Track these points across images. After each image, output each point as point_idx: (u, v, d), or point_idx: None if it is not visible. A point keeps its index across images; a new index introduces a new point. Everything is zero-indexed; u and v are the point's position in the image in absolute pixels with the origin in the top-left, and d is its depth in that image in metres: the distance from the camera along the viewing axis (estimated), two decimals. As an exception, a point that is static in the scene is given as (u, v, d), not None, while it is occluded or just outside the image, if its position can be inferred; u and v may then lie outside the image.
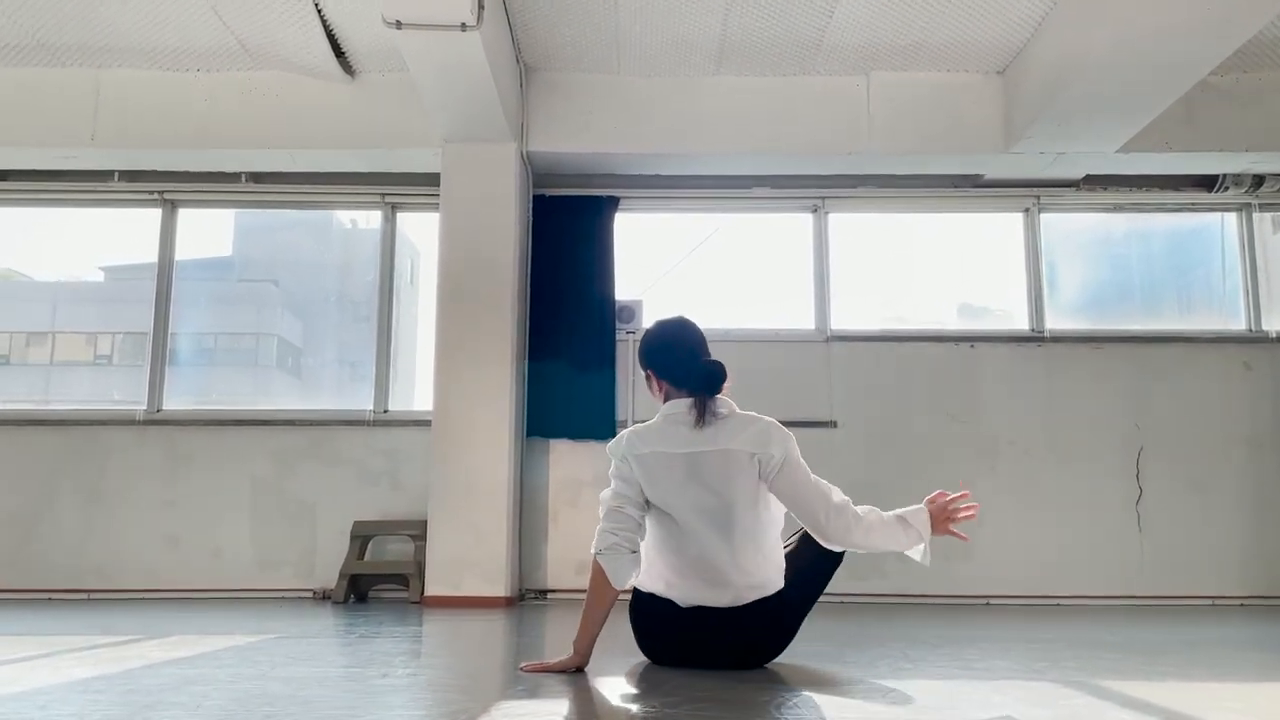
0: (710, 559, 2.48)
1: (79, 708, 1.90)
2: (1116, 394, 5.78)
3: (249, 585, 5.61)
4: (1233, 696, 2.19)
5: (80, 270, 6.82)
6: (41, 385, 6.68)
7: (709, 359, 2.63)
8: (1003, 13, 4.94)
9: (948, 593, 5.55)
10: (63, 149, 5.59)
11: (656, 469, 2.51)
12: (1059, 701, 2.09)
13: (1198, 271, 6.14)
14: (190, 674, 2.39)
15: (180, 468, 5.72)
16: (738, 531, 2.49)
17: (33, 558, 5.62)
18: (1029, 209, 6.01)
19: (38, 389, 6.65)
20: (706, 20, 5.05)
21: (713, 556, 2.48)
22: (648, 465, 2.52)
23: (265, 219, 6.40)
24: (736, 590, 2.50)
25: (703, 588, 2.51)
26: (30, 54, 5.40)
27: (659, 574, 2.57)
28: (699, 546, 2.49)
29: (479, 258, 5.39)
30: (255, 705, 1.93)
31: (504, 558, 5.15)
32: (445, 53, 4.40)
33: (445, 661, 2.84)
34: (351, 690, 2.17)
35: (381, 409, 5.84)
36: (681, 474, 2.50)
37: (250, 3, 4.87)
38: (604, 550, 2.49)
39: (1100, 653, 3.05)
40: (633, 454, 2.54)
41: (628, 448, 2.56)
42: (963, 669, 2.64)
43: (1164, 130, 5.41)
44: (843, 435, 5.73)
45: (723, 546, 2.48)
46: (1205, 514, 5.66)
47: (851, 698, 2.14)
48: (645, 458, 2.53)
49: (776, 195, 6.04)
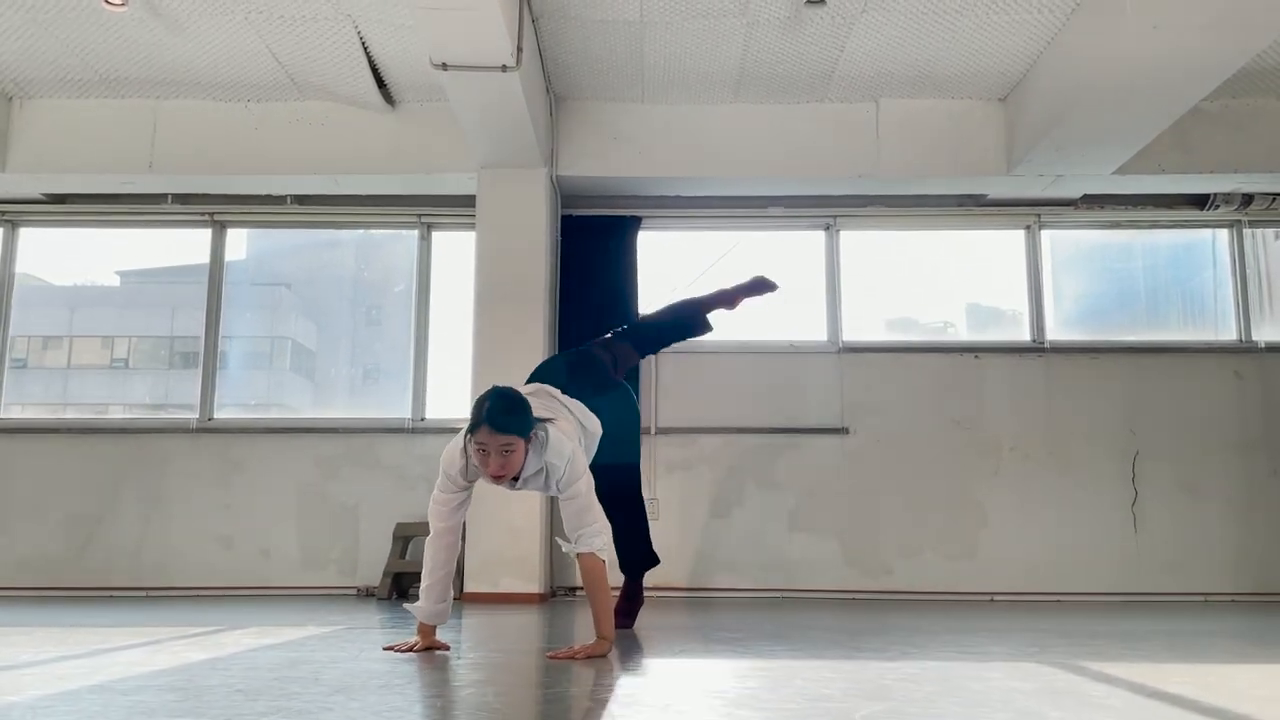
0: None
1: (222, 680, 2.27)
2: (1113, 401, 6.13)
3: (296, 583, 5.98)
4: (1188, 674, 2.54)
5: (96, 275, 7.13)
6: (59, 388, 6.98)
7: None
8: (1004, 46, 5.28)
9: (954, 589, 5.90)
10: (122, 174, 5.98)
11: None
12: (1041, 677, 2.44)
13: (1191, 285, 6.47)
14: (292, 656, 2.76)
15: (231, 473, 6.11)
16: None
17: (95, 558, 6.01)
18: (1030, 226, 6.36)
19: (55, 392, 6.94)
20: (726, 52, 5.41)
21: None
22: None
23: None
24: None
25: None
26: (93, 87, 5.80)
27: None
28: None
29: (512, 274, 5.76)
30: (367, 679, 2.30)
31: (538, 556, 5.52)
32: (486, 91, 4.77)
33: (505, 646, 3.21)
34: (438, 668, 2.55)
35: (419, 417, 6.21)
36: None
37: (301, 41, 5.25)
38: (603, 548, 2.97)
39: (1086, 640, 3.40)
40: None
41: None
42: (961, 652, 2.99)
43: (1157, 154, 5.74)
44: (854, 441, 6.09)
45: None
46: (1198, 515, 6.00)
47: (865, 672, 2.49)
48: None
49: (790, 214, 6.41)
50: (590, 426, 3.32)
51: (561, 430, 2.99)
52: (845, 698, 2.11)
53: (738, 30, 5.15)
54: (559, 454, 2.90)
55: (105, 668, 2.51)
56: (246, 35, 5.19)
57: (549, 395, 3.25)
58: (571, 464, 2.93)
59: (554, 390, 3.29)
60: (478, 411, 2.86)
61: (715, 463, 6.11)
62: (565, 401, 3.26)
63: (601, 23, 5.09)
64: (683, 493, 6.07)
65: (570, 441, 2.97)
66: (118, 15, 4.95)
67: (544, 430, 2.91)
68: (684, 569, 5.97)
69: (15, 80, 5.70)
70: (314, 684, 2.24)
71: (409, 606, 3.09)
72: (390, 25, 5.08)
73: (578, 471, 2.95)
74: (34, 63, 5.49)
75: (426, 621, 3.05)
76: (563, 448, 2.92)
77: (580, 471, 2.97)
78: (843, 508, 6.03)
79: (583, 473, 2.98)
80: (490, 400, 2.86)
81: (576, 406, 3.29)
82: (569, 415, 3.19)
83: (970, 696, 2.14)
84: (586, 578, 2.94)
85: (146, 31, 5.16)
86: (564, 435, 2.97)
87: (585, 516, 2.95)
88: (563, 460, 2.91)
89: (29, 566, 5.97)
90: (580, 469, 2.97)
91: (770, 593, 5.93)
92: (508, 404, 2.86)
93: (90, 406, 6.87)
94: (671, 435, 6.10)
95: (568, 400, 3.28)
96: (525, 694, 2.27)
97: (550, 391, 3.28)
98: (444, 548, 3.06)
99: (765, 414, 6.15)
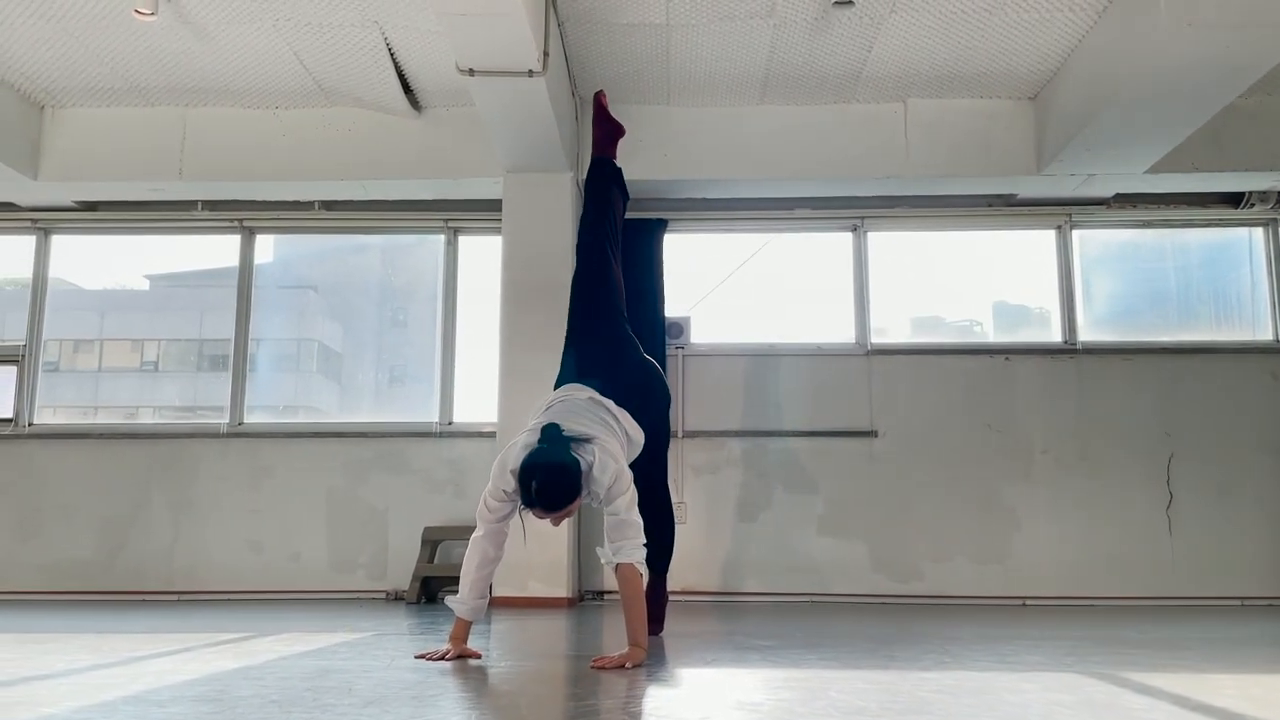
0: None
1: (254, 691, 2.27)
2: (1147, 403, 6.04)
3: (325, 587, 6.01)
4: (1232, 685, 2.49)
5: (126, 279, 7.21)
6: (90, 391, 7.05)
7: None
8: (1034, 44, 5.22)
9: (985, 594, 5.84)
10: (152, 181, 6.02)
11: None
12: (1080, 688, 2.41)
13: (1225, 284, 6.37)
14: (324, 665, 2.76)
15: (261, 478, 6.14)
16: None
17: (127, 562, 6.06)
18: (1061, 226, 6.29)
19: (86, 395, 7.02)
20: (752, 54, 5.38)
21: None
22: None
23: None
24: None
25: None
26: (123, 96, 5.85)
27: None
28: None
29: (539, 279, 5.75)
30: (399, 690, 2.30)
31: (565, 561, 5.51)
32: (512, 96, 4.77)
33: (534, 653, 3.20)
34: (473, 677, 2.54)
35: (446, 421, 6.23)
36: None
37: (328, 48, 5.27)
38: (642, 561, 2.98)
39: (1124, 648, 3.35)
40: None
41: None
42: (997, 662, 2.95)
43: (1190, 152, 5.65)
44: (883, 444, 6.04)
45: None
46: (1233, 518, 5.91)
47: (901, 684, 2.46)
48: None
49: (817, 215, 6.36)
50: (635, 437, 3.33)
51: (606, 450, 3.00)
52: (881, 711, 2.08)
53: (764, 32, 5.12)
54: (603, 471, 2.94)
55: (139, 677, 2.52)
56: (274, 43, 5.22)
57: (597, 405, 3.24)
58: (616, 481, 2.96)
59: (604, 400, 3.27)
60: (526, 493, 2.87)
61: (742, 466, 6.08)
62: (614, 411, 3.25)
63: (627, 26, 5.08)
64: (709, 496, 6.05)
65: (614, 462, 2.99)
66: (147, 25, 4.98)
67: (590, 453, 2.94)
68: (711, 573, 5.95)
69: (47, 90, 5.75)
70: (347, 695, 2.24)
71: (449, 600, 3.10)
72: (417, 31, 5.09)
73: (621, 488, 2.98)
74: (65, 72, 5.54)
75: (465, 616, 3.07)
76: (607, 467, 2.95)
77: (624, 488, 2.98)
78: (871, 511, 5.98)
79: (626, 488, 2.99)
80: (538, 481, 2.85)
81: (624, 416, 3.28)
82: (614, 428, 3.20)
83: (1009, 711, 2.11)
84: (624, 588, 2.96)
85: (176, 40, 5.20)
86: (609, 456, 2.98)
87: (627, 530, 2.97)
88: (607, 477, 2.94)
89: (62, 571, 6.04)
90: (624, 485, 2.99)
91: (798, 597, 5.89)
92: (554, 479, 2.86)
93: (121, 409, 6.92)
94: (698, 439, 6.08)
95: (615, 410, 3.27)
96: (557, 706, 2.26)
97: (599, 401, 3.26)
98: (489, 546, 3.09)
99: (792, 417, 6.12)
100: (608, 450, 3.00)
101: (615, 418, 3.24)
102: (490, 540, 3.09)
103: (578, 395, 3.29)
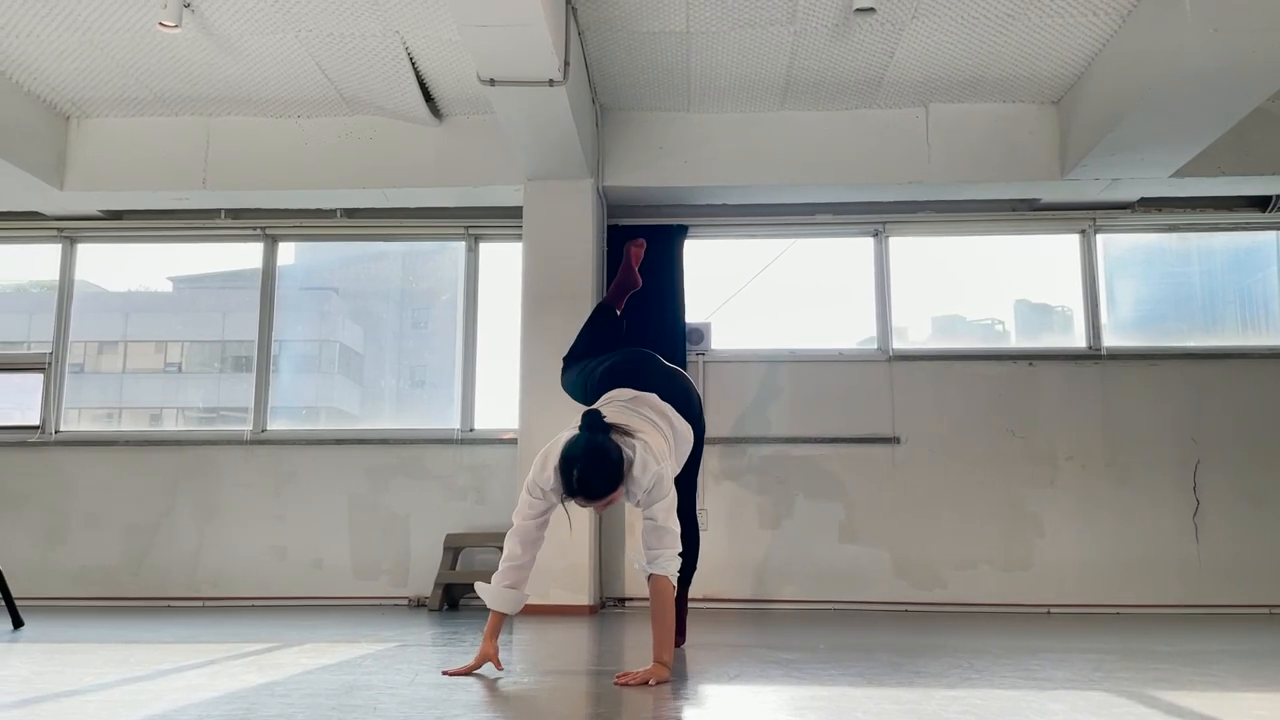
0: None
1: (281, 709, 2.28)
2: (1173, 409, 5.98)
3: (348, 593, 6.04)
4: (1266, 705, 2.46)
5: (150, 282, 7.27)
6: (115, 393, 7.11)
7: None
8: (1057, 48, 5.18)
9: (1010, 601, 5.80)
10: (176, 190, 6.07)
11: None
12: (1109, 708, 2.38)
13: (1252, 288, 6.30)
14: (348, 680, 2.77)
15: (284, 484, 6.18)
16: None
17: (153, 568, 6.11)
18: (1085, 230, 6.23)
19: (111, 397, 7.08)
20: (773, 61, 5.36)
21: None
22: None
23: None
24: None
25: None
26: (147, 105, 5.89)
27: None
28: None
29: (559, 285, 5.76)
30: (424, 709, 2.31)
31: (586, 568, 5.51)
32: (533, 105, 4.78)
33: (558, 667, 3.20)
34: (494, 694, 2.54)
35: (468, 428, 6.24)
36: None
37: (350, 57, 5.29)
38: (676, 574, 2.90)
39: (1152, 663, 3.31)
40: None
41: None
42: (1024, 678, 2.93)
43: (1216, 155, 5.60)
44: (905, 451, 6.01)
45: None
46: (1261, 525, 5.84)
47: (927, 703, 2.45)
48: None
49: (838, 221, 6.34)
50: (684, 431, 3.21)
51: (651, 448, 2.90)
52: (908, 733, 2.07)
53: (785, 38, 5.10)
54: (644, 472, 2.85)
55: (166, 694, 2.54)
56: (297, 53, 5.24)
57: (644, 404, 3.13)
58: (657, 485, 2.87)
59: (652, 399, 3.16)
60: (568, 483, 2.79)
61: (763, 473, 6.07)
62: (663, 410, 3.15)
63: (648, 34, 5.07)
64: (731, 503, 6.04)
65: (656, 463, 2.88)
66: (171, 36, 5.01)
67: (632, 448, 2.85)
68: (733, 580, 5.94)
69: (73, 100, 5.81)
70: (371, 714, 2.24)
71: (480, 588, 3.02)
72: (438, 41, 5.11)
73: (662, 492, 2.88)
74: (90, 83, 5.59)
75: (495, 607, 2.99)
76: (648, 467, 2.85)
77: (664, 492, 2.88)
78: (894, 518, 5.96)
79: (667, 492, 2.89)
80: (578, 470, 2.77)
81: (673, 415, 3.18)
82: (660, 427, 3.09)
83: (1037, 733, 2.09)
84: (655, 600, 2.87)
85: (199, 51, 5.24)
86: (651, 455, 2.88)
87: (664, 539, 2.88)
88: (647, 478, 2.85)
89: (89, 577, 6.09)
90: (665, 489, 2.89)
91: (820, 604, 5.87)
92: (595, 466, 2.77)
93: (145, 411, 6.98)
94: (719, 445, 6.07)
95: (664, 407, 3.16)
96: (582, 725, 2.25)
97: (648, 400, 3.16)
98: (515, 545, 2.99)
99: (814, 423, 6.10)
100: (650, 449, 2.90)
101: (666, 416, 3.14)
102: (518, 538, 2.97)
103: (619, 396, 3.20)
